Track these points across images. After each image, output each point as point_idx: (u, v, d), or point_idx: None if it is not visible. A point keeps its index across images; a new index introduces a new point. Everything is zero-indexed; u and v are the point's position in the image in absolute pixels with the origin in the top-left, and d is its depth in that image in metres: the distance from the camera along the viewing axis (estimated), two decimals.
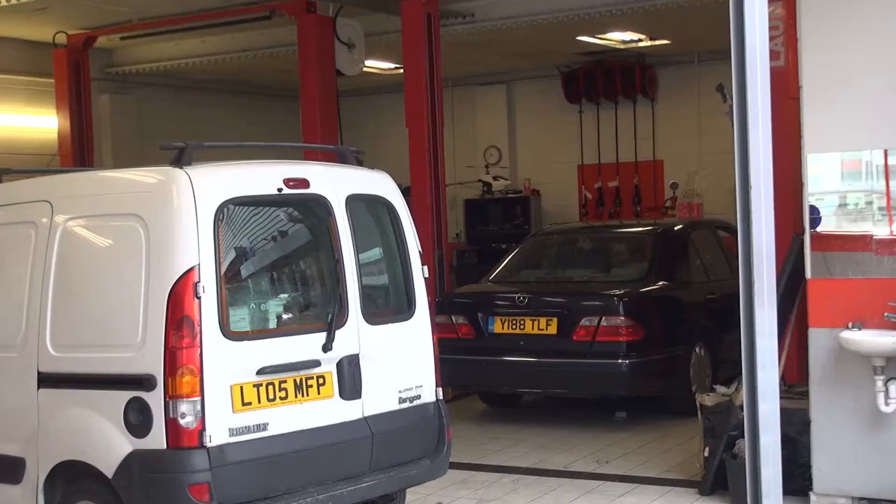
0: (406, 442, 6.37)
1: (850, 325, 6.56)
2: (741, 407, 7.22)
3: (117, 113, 16.23)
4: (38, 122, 15.17)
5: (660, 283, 10.19)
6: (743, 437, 7.07)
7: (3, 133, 14.82)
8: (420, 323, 6.59)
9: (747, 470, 3.36)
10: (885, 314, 6.45)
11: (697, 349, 10.03)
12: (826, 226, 6.79)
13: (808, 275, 6.84)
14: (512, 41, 15.22)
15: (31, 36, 14.32)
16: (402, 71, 12.88)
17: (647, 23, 14.33)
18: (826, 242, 6.78)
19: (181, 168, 5.71)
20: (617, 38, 15.82)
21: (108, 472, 5.57)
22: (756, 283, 3.27)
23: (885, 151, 6.60)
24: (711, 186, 16.87)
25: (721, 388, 7.87)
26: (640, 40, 15.98)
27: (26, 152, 14.55)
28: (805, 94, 6.81)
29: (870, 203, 6.76)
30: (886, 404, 6.41)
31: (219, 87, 17.71)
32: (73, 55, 14.55)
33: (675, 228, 11.46)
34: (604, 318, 9.49)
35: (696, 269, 10.71)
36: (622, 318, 9.48)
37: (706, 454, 7.53)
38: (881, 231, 6.64)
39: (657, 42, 16.11)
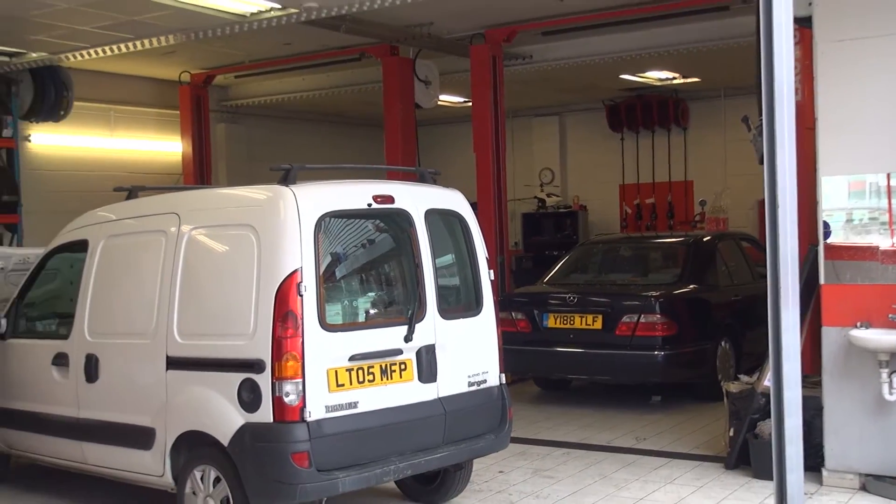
0: (474, 419, 6.36)
1: (858, 324, 6.51)
2: (762, 393, 7.20)
3: (231, 139, 16.44)
4: (165, 147, 15.41)
5: (691, 286, 10.10)
6: (763, 419, 7.05)
7: (136, 156, 15.07)
8: (486, 318, 6.58)
9: (774, 448, 3.29)
10: (890, 315, 6.42)
11: (723, 343, 9.92)
12: (836, 238, 6.72)
13: (822, 280, 6.78)
14: (564, 79, 15.21)
15: (161, 75, 14.56)
16: (470, 104, 12.91)
17: (680, 63, 14.24)
18: (837, 252, 6.71)
19: (287, 186, 5.78)
20: (654, 76, 15.75)
21: (224, 441, 5.65)
22: (782, 286, 3.21)
23: (888, 175, 6.54)
24: (735, 204, 16.83)
25: (744, 377, 7.78)
26: (675, 78, 15.90)
27: (156, 172, 14.83)
28: (820, 125, 6.77)
29: (874, 219, 6.68)
30: (890, 393, 6.36)
31: (314, 117, 17.84)
32: (195, 91, 14.79)
33: (704, 239, 11.34)
34: (642, 316, 9.44)
35: (722, 275, 10.60)
36: (658, 315, 9.41)
37: (731, 434, 7.46)
38: (885, 243, 6.58)
39: (689, 80, 16.01)
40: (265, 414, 5.48)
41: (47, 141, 13.83)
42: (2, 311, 7.49)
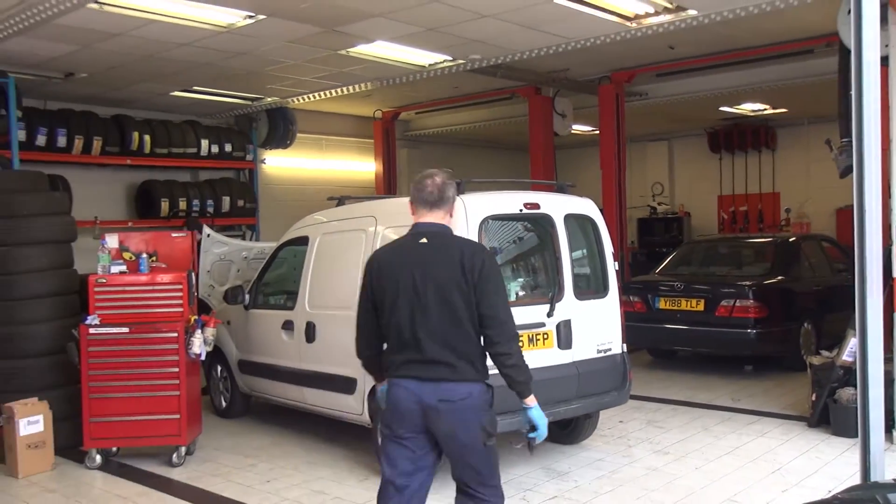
0: (601, 379, 6.25)
1: None
2: (841, 366, 6.80)
3: (411, 161, 16.68)
4: (362, 167, 15.77)
5: (778, 277, 9.62)
6: (842, 387, 6.67)
7: (341, 174, 15.48)
8: (612, 300, 6.45)
9: (859, 413, 3.13)
10: None
11: (806, 325, 9.40)
12: None
13: (894, 274, 6.34)
14: (673, 111, 14.77)
15: (360, 113, 14.92)
16: (598, 132, 12.71)
17: (770, 97, 13.60)
18: None
19: (458, 195, 5.80)
20: (748, 107, 15.08)
21: None
22: (868, 278, 3.02)
23: None
24: (817, 211, 16.08)
25: (825, 353, 7.36)
26: (765, 109, 15.17)
27: (355, 186, 15.19)
28: (893, 145, 6.34)
29: None
30: None
31: (474, 143, 17.92)
32: (385, 125, 15.10)
33: (790, 240, 10.78)
34: (738, 301, 9.05)
35: (804, 269, 10.05)
36: (751, 301, 9.00)
37: (813, 398, 7.07)
38: None
39: (778, 110, 15.26)
40: None
41: (277, 163, 14.37)
42: (246, 289, 7.79)
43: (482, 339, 3.66)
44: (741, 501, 5.38)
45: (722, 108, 15.04)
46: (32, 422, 6.45)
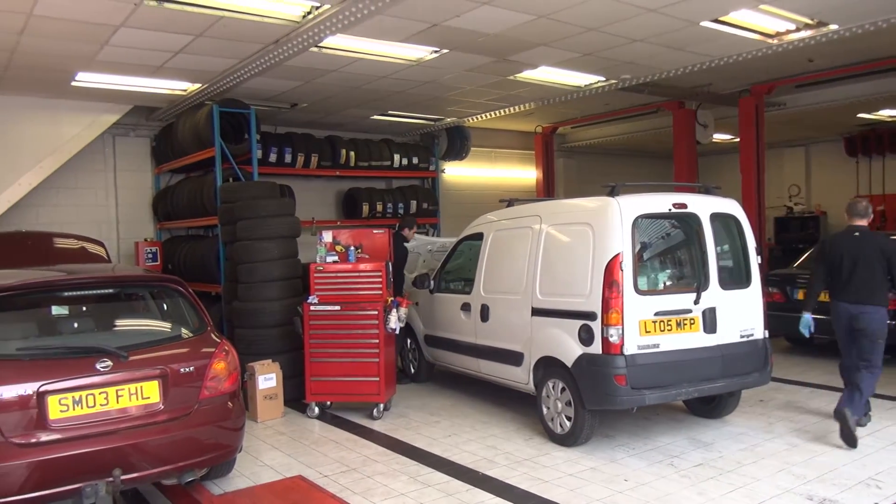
0: (743, 361, 5.86)
1: None
2: None
3: (567, 169, 16.48)
4: (524, 175, 15.70)
5: None
6: None
7: (507, 181, 15.48)
8: (754, 290, 6.04)
9: None
10: None
11: None
12: None
13: None
14: (810, 119, 13.61)
15: (523, 128, 14.88)
16: (737, 140, 11.94)
17: None
18: None
19: (613, 197, 5.65)
20: (885, 113, 13.58)
21: (568, 364, 5.65)
22: None
23: None
24: None
25: None
26: None
27: (519, 190, 15.12)
28: None
29: None
30: None
31: (622, 152, 17.38)
32: (545, 138, 14.94)
33: None
34: None
35: None
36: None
37: None
38: None
39: None
40: (597, 348, 5.42)
41: (455, 172, 14.59)
42: (431, 276, 7.93)
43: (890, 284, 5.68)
44: (883, 481, 4.87)
45: (860, 115, 13.68)
46: (268, 378, 6.92)
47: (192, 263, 9.93)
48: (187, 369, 4.46)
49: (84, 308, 4.79)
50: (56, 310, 4.68)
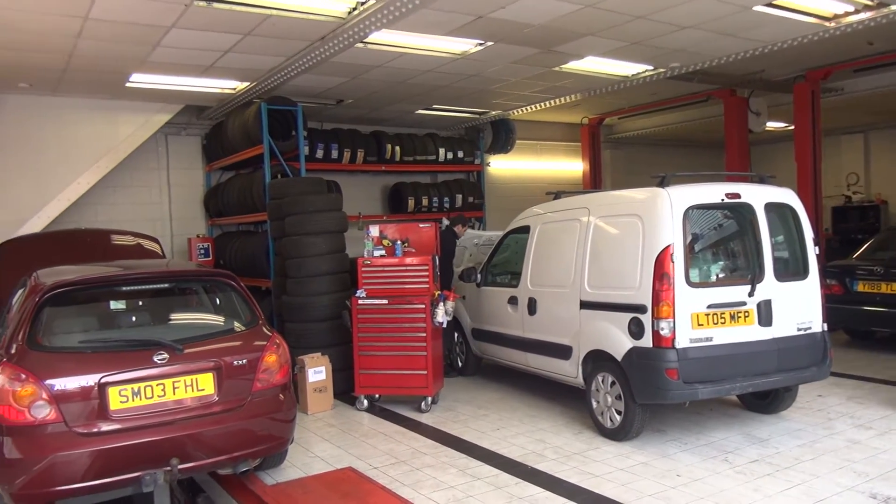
0: (801, 355, 5.69)
1: None
2: None
3: (614, 160, 16.25)
4: (570, 167, 15.55)
5: None
6: None
7: (553, 173, 15.35)
8: (812, 282, 5.85)
9: None
10: None
11: None
12: None
13: None
14: (870, 104, 13.11)
15: (569, 120, 14.73)
16: (791, 128, 11.58)
17: None
18: None
19: (663, 188, 5.55)
20: None
21: (618, 357, 5.58)
22: None
23: None
24: None
25: None
26: None
27: (565, 183, 15.00)
28: None
29: None
30: None
31: (670, 142, 17.05)
32: (591, 129, 14.75)
33: None
34: None
35: None
36: None
37: None
38: None
39: None
40: (647, 341, 5.34)
41: (500, 165, 14.53)
42: (477, 269, 7.93)
43: None
44: None
45: None
46: (317, 371, 7.02)
47: (243, 259, 10.12)
48: (240, 362, 4.55)
49: (141, 302, 4.93)
50: (114, 304, 4.83)
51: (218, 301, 5.07)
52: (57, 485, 3.95)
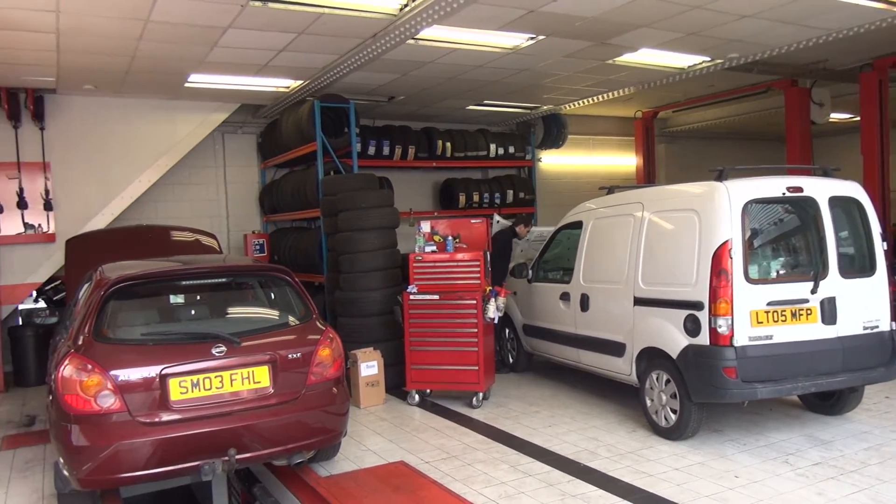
0: (867, 354, 5.48)
1: None
2: None
3: (669, 155, 15.92)
4: (623, 161, 15.31)
5: None
6: None
7: (605, 168, 15.15)
8: (880, 279, 5.62)
9: None
10: None
11: None
12: None
13: None
14: None
15: (622, 114, 14.50)
16: (857, 119, 11.12)
17: None
18: None
19: (721, 182, 5.41)
20: None
21: (673, 355, 5.48)
22: None
23: None
24: None
25: None
26: None
27: (618, 178, 14.75)
28: None
29: None
30: None
31: (727, 135, 16.57)
32: (645, 123, 14.48)
33: None
34: None
35: None
36: None
37: None
38: None
39: None
40: (704, 339, 5.22)
41: (551, 161, 14.40)
42: (529, 265, 7.87)
43: None
44: None
45: None
46: (370, 366, 7.09)
47: (297, 254, 10.30)
48: (295, 355, 4.63)
49: (199, 296, 5.06)
50: (174, 298, 4.97)
51: (273, 296, 5.17)
52: (121, 472, 4.10)
